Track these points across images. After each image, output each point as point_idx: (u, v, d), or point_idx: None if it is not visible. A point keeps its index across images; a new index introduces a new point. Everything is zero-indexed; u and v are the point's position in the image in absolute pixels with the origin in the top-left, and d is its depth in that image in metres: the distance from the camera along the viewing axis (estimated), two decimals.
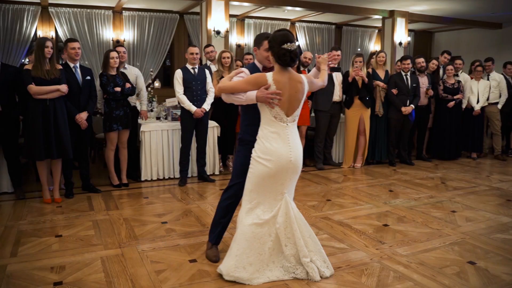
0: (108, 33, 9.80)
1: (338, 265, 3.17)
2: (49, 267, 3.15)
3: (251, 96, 2.86)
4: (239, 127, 6.24)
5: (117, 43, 9.85)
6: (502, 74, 7.52)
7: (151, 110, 6.32)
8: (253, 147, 2.96)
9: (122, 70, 5.43)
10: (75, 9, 9.43)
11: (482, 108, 7.20)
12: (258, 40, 3.12)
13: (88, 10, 9.56)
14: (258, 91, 2.82)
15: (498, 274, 3.06)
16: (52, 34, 9.48)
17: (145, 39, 10.12)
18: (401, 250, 3.46)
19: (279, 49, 2.79)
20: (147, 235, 3.79)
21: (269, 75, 2.84)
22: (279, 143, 2.85)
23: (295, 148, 2.89)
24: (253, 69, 3.13)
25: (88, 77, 4.99)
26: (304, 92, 2.92)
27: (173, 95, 5.65)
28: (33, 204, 4.71)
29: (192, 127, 5.53)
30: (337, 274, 3.03)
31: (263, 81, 2.83)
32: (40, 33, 9.35)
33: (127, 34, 9.99)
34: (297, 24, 11.80)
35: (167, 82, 10.82)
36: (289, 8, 9.54)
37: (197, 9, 9.67)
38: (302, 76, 2.96)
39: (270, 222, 2.91)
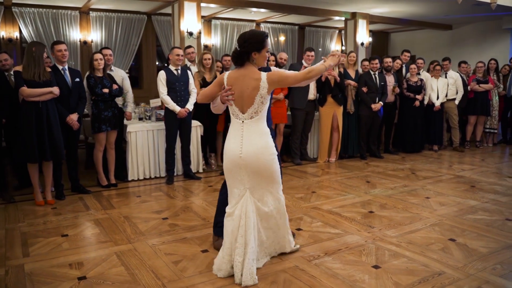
0: (75, 34, 9.71)
1: (338, 247, 3.51)
2: (67, 264, 3.27)
3: (218, 100, 3.09)
4: (221, 126, 6.54)
5: (84, 44, 9.79)
6: (457, 72, 8.17)
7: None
8: None
9: (108, 72, 5.53)
10: (40, 9, 9.28)
11: (442, 104, 7.80)
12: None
13: (54, 11, 9.42)
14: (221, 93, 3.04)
15: (475, 248, 3.50)
16: (16, 35, 9.27)
17: (113, 40, 10.10)
18: (390, 232, 3.85)
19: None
20: (153, 231, 3.97)
21: (226, 74, 3.04)
22: (231, 139, 3.02)
23: (247, 144, 2.94)
24: None
25: (77, 79, 5.06)
26: (258, 89, 2.92)
27: (142, 96, 5.79)
28: (26, 207, 4.73)
29: (176, 126, 5.71)
30: (339, 255, 3.36)
31: (221, 80, 3.02)
32: (3, 34, 9.13)
33: (95, 35, 9.93)
34: (262, 25, 12.13)
35: (135, 83, 10.84)
36: (255, 9, 9.83)
37: (165, 10, 9.79)
38: (262, 74, 2.96)
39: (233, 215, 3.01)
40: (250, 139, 2.95)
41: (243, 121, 2.98)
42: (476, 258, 3.32)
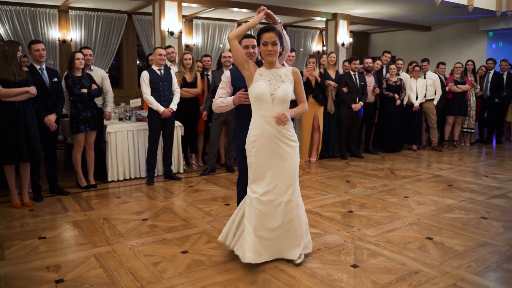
0: (54, 33, 9.55)
1: (317, 247, 3.53)
2: (44, 267, 3.23)
3: (229, 101, 3.33)
4: (201, 126, 6.52)
5: (64, 43, 9.65)
6: (436, 73, 8.31)
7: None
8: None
9: (88, 71, 5.47)
10: (18, 7, 9.09)
11: (420, 104, 7.93)
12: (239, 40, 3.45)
13: (32, 9, 9.24)
14: (234, 96, 3.24)
15: (452, 246, 3.57)
16: None
17: (93, 39, 9.97)
18: (369, 232, 3.90)
19: None
20: (132, 232, 3.94)
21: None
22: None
23: None
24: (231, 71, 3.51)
25: (56, 79, 4.98)
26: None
27: (123, 96, 5.75)
28: (2, 209, 4.63)
29: (159, 127, 5.68)
30: (318, 255, 3.39)
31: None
32: None
33: (74, 34, 9.79)
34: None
35: (116, 83, 10.73)
36: (236, 9, 9.83)
37: (146, 10, 9.70)
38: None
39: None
40: None
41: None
42: (452, 256, 3.38)
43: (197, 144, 6.66)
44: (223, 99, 3.35)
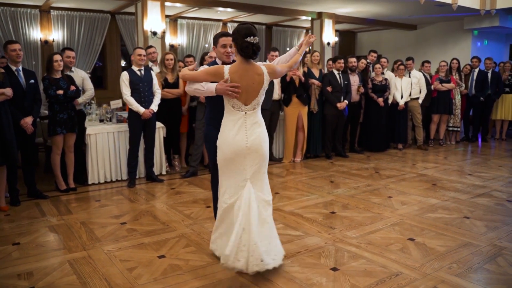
0: (36, 33, 9.39)
1: (297, 250, 3.48)
2: (16, 274, 3.12)
3: (211, 87, 3.08)
4: (184, 127, 6.43)
5: (45, 44, 9.49)
6: (421, 71, 8.31)
7: (89, 113, 6.23)
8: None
9: (68, 73, 5.36)
10: None
11: (406, 103, 7.91)
12: (215, 39, 3.40)
13: (13, 9, 9.08)
14: (217, 84, 3.03)
15: (433, 247, 3.53)
16: None
17: (76, 40, 9.82)
18: (350, 233, 3.85)
19: (242, 41, 2.99)
20: (109, 236, 3.84)
21: (226, 68, 3.05)
22: (233, 130, 3.04)
23: (251, 133, 3.05)
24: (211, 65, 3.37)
25: (32, 81, 4.87)
26: (263, 83, 3.09)
27: (106, 96, 5.66)
28: None
29: (140, 128, 5.58)
30: (298, 258, 3.33)
31: (221, 73, 3.04)
32: None
33: (56, 35, 9.63)
34: (228, 25, 12.04)
35: (99, 83, 10.57)
36: (221, 9, 9.74)
37: (129, 9, 9.57)
38: (263, 67, 3.12)
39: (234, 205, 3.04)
40: (253, 128, 3.08)
41: (246, 112, 3.08)
42: (433, 257, 3.34)
43: (180, 145, 6.57)
44: (203, 84, 3.16)
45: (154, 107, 5.59)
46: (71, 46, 9.68)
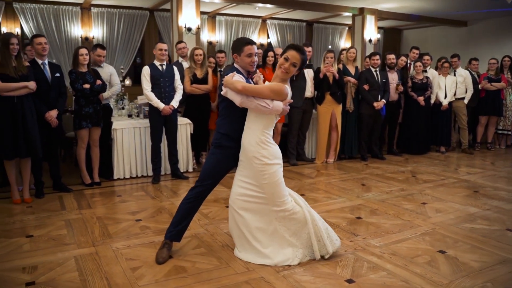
0: (77, 30, 9.60)
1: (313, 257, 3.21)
2: (21, 267, 3.07)
3: (277, 107, 2.98)
4: (213, 124, 6.29)
5: (86, 40, 9.67)
6: (467, 70, 7.75)
7: (122, 108, 6.23)
8: (230, 152, 3.12)
9: (96, 68, 5.36)
10: (41, 5, 9.19)
11: (450, 103, 7.40)
12: (238, 47, 3.10)
13: (55, 6, 9.33)
14: (283, 104, 3.01)
15: (466, 262, 3.16)
16: (17, 31, 9.20)
17: (115, 36, 9.96)
18: (374, 242, 3.54)
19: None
20: (121, 233, 3.74)
21: (288, 88, 3.03)
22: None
23: None
24: (237, 73, 3.09)
25: (58, 74, 4.88)
26: None
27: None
28: (1, 205, 4.56)
29: (161, 124, 5.48)
30: (312, 266, 3.07)
31: (285, 94, 3.00)
32: (5, 30, 9.06)
33: (96, 31, 9.80)
34: (268, 22, 11.84)
35: (138, 80, 10.64)
36: (260, 5, 9.57)
37: (167, 6, 9.57)
38: None
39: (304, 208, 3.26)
40: None
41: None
42: (465, 274, 2.98)
43: (209, 142, 6.43)
44: (268, 101, 2.94)
45: (175, 103, 5.47)
46: (110, 42, 9.85)
